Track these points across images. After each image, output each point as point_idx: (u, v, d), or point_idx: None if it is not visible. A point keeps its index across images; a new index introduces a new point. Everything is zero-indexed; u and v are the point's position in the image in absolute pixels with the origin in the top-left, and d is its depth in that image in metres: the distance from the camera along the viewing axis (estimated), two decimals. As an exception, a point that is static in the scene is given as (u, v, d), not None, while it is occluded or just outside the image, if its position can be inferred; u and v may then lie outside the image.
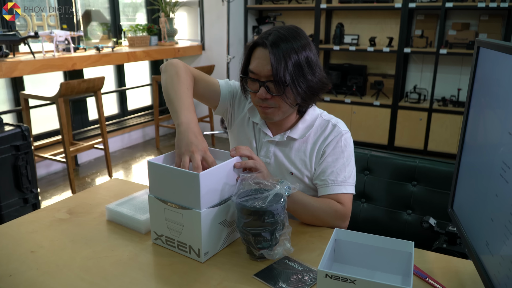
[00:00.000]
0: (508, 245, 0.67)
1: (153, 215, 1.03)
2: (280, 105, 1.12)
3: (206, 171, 0.93)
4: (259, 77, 1.10)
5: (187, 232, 0.97)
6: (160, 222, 1.02)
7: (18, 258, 0.99)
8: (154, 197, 1.01)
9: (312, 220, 1.16)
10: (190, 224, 0.96)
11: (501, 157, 0.71)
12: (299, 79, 1.08)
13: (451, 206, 1.00)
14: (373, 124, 4.26)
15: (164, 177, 0.98)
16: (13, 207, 2.38)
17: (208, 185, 0.94)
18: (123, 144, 4.38)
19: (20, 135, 2.38)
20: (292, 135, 1.21)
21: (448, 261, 1.00)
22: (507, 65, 0.72)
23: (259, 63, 1.09)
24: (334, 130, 1.20)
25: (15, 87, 3.40)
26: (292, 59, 1.06)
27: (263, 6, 4.70)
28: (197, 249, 0.97)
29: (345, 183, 1.18)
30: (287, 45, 1.07)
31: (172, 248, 1.02)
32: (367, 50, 4.19)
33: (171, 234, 1.01)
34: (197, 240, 0.96)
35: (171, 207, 0.98)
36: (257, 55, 1.11)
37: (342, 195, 1.17)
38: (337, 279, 0.77)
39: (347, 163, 1.19)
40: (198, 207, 0.93)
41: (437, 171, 1.42)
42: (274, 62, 1.05)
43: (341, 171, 1.18)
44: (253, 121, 1.28)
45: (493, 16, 3.90)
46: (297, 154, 1.22)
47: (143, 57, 4.00)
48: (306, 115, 1.22)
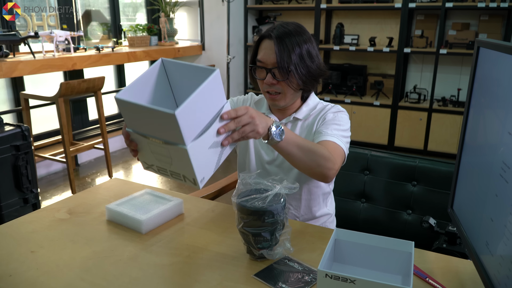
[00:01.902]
0: (508, 245, 0.67)
1: (139, 147, 0.95)
2: (285, 90, 1.24)
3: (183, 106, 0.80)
4: (266, 65, 1.23)
5: (178, 164, 0.90)
6: (147, 154, 0.94)
7: (18, 258, 0.99)
8: (133, 131, 0.92)
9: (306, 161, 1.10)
10: (178, 159, 0.88)
11: (501, 157, 0.71)
12: (300, 66, 1.21)
13: (451, 206, 1.00)
14: (373, 124, 4.26)
15: (138, 114, 0.87)
16: (13, 207, 2.38)
17: (189, 119, 0.83)
18: (123, 144, 4.38)
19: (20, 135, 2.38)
20: (297, 115, 1.32)
21: (448, 261, 1.00)
22: (507, 65, 0.72)
23: (265, 53, 1.22)
24: (333, 107, 1.33)
25: (15, 87, 3.40)
26: (295, 51, 1.20)
27: (263, 6, 4.70)
28: (191, 179, 0.91)
29: (337, 137, 1.21)
30: (290, 39, 1.21)
31: (166, 176, 0.96)
32: (367, 50, 4.19)
33: (161, 165, 0.94)
34: (189, 171, 0.89)
35: (154, 142, 0.89)
36: (264, 46, 1.24)
37: (332, 143, 1.18)
38: (337, 279, 0.77)
39: (342, 129, 1.25)
40: (183, 143, 0.84)
41: (437, 171, 1.42)
42: (278, 52, 1.19)
43: (336, 131, 1.24)
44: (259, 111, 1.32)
45: (493, 16, 3.90)
46: (302, 132, 1.32)
47: (143, 57, 4.00)
48: (309, 100, 1.35)
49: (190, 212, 1.24)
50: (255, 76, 1.28)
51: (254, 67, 1.27)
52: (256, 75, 1.28)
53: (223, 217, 1.21)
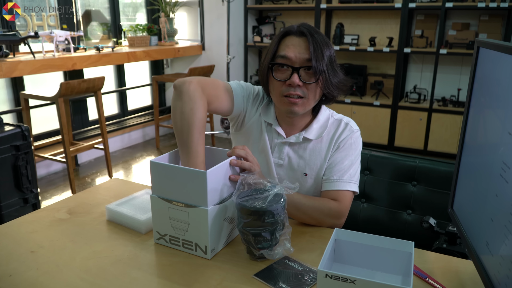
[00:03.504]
0: (508, 245, 0.67)
1: (156, 215, 1.03)
2: (309, 95, 1.12)
3: (212, 169, 0.95)
4: (292, 63, 1.10)
5: (193, 230, 0.98)
6: (163, 222, 1.02)
7: (18, 258, 0.99)
8: (157, 196, 1.01)
9: (306, 219, 1.16)
10: (196, 222, 0.96)
11: (501, 157, 0.71)
12: (331, 71, 1.11)
13: (451, 206, 1.00)
14: (373, 124, 4.26)
15: (169, 176, 0.98)
16: (13, 207, 2.38)
17: (213, 182, 0.96)
18: (123, 144, 4.38)
19: (20, 135, 2.38)
20: (308, 135, 1.21)
21: (448, 261, 1.00)
22: (507, 65, 0.72)
23: (294, 50, 1.09)
24: (347, 128, 1.23)
25: (15, 87, 3.40)
26: (326, 52, 1.10)
27: (263, 6, 4.70)
28: (203, 246, 0.98)
29: (349, 181, 1.19)
30: (321, 37, 1.10)
31: (177, 247, 1.02)
32: (367, 50, 4.19)
33: (175, 233, 1.01)
34: (203, 237, 0.97)
35: (176, 206, 0.98)
36: (291, 42, 1.11)
37: (342, 192, 1.18)
38: (337, 279, 0.77)
39: (354, 161, 1.21)
40: (205, 205, 0.94)
41: (437, 171, 1.42)
42: (313, 50, 1.07)
43: (348, 168, 1.19)
44: (266, 121, 1.25)
45: (493, 16, 3.90)
46: (312, 154, 1.22)
47: (143, 57, 4.00)
48: (319, 115, 1.23)
49: (190, 212, 1.24)
50: (275, 76, 1.13)
51: (277, 65, 1.12)
52: (276, 76, 1.13)
53: (223, 217, 1.21)
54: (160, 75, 4.49)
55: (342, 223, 1.19)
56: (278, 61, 1.12)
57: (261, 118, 1.26)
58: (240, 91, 1.25)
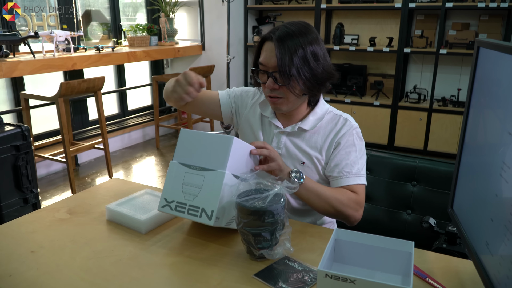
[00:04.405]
0: (508, 245, 0.67)
1: (169, 182, 1.05)
2: (287, 95, 1.18)
3: (238, 139, 1.01)
4: (267, 69, 1.17)
5: (204, 194, 1.00)
6: (175, 187, 1.04)
7: (18, 258, 0.99)
8: (177, 162, 1.05)
9: (326, 208, 1.16)
10: (210, 186, 0.99)
11: (501, 157, 0.71)
12: (304, 70, 1.13)
13: (451, 206, 1.00)
14: (373, 124, 4.26)
15: (195, 142, 1.05)
16: (13, 207, 2.38)
17: (236, 153, 1.00)
18: (123, 144, 4.38)
19: (20, 135, 2.38)
20: (303, 126, 1.25)
21: (448, 261, 1.00)
22: (507, 65, 0.72)
23: (266, 56, 1.17)
24: (346, 124, 1.25)
25: (15, 87, 3.40)
26: (297, 53, 1.12)
27: (263, 6, 4.70)
28: (210, 211, 0.98)
29: (358, 175, 1.21)
30: (293, 41, 1.13)
31: (181, 214, 1.02)
32: (367, 50, 4.19)
33: (184, 199, 1.02)
34: (213, 202, 0.98)
35: (194, 170, 1.02)
36: (265, 48, 1.18)
37: (356, 186, 1.20)
38: (337, 279, 0.77)
39: (359, 155, 1.23)
40: (224, 168, 0.98)
41: (437, 171, 1.42)
42: (279, 55, 1.12)
43: (354, 163, 1.21)
44: (263, 114, 1.32)
45: (493, 16, 3.90)
46: (308, 145, 1.26)
47: (143, 57, 4.00)
48: (317, 108, 1.27)
49: (190, 212, 1.24)
50: (258, 79, 1.23)
51: (256, 70, 1.21)
52: (259, 79, 1.22)
53: (223, 217, 1.21)
54: (160, 75, 4.49)
55: (360, 216, 1.19)
56: (258, 67, 1.20)
57: (260, 112, 1.34)
58: (226, 93, 1.40)
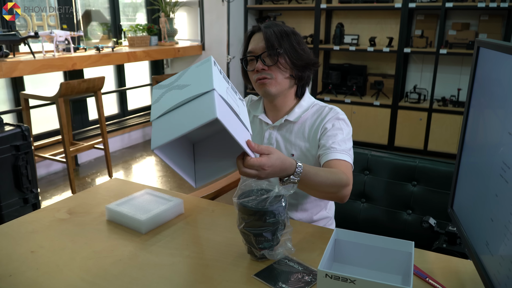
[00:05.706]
0: (508, 245, 0.67)
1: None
2: (275, 75, 1.25)
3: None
4: (255, 53, 1.25)
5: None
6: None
7: (18, 258, 0.99)
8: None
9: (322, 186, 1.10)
10: None
11: (501, 157, 0.71)
12: (290, 50, 1.24)
13: (451, 206, 1.00)
14: (373, 124, 4.26)
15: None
16: (13, 207, 2.38)
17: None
18: (123, 144, 4.38)
19: (20, 135, 2.38)
20: (289, 118, 1.31)
21: (448, 261, 1.00)
22: (507, 65, 0.72)
23: (254, 43, 1.26)
24: (331, 111, 1.30)
25: (15, 87, 3.40)
26: (283, 37, 1.24)
27: (263, 6, 4.70)
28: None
29: (345, 152, 1.22)
30: (279, 27, 1.26)
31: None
32: (367, 50, 4.19)
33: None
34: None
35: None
36: (253, 38, 1.28)
37: (343, 162, 1.20)
38: (337, 279, 0.77)
39: (346, 138, 1.26)
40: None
41: (437, 171, 1.42)
42: (267, 36, 1.23)
43: (342, 142, 1.23)
44: (254, 114, 1.38)
45: (493, 16, 3.90)
46: (297, 136, 1.31)
47: (143, 57, 4.00)
48: (302, 101, 1.33)
49: (190, 212, 1.24)
50: (247, 68, 1.30)
51: (245, 58, 1.29)
52: (248, 68, 1.30)
53: (223, 217, 1.21)
54: (160, 75, 4.49)
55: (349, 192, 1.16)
56: (246, 56, 1.29)
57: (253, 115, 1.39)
58: None
